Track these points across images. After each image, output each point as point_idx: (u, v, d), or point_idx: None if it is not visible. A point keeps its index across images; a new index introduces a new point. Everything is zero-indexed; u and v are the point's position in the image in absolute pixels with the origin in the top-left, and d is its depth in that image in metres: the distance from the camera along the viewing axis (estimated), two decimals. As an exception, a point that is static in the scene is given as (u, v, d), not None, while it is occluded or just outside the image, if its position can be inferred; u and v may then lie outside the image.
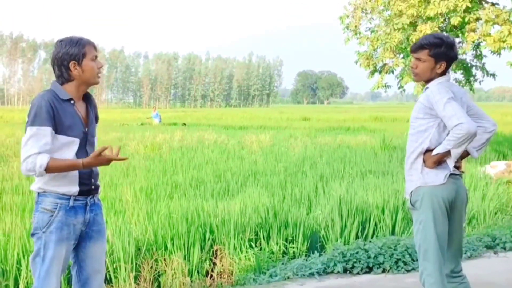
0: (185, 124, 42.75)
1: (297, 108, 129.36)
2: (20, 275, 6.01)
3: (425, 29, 17.18)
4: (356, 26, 19.96)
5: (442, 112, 4.29)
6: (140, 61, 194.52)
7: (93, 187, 4.09)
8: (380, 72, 19.97)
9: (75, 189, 3.98)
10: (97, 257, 4.16)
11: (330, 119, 52.72)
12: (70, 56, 4.00)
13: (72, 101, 4.00)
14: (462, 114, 4.22)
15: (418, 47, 4.52)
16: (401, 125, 40.03)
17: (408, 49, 14.40)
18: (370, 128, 37.09)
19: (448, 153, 4.35)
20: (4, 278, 6.06)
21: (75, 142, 3.97)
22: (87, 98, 4.19)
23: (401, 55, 18.90)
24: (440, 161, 4.40)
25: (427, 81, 4.54)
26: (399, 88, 19.99)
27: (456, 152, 4.31)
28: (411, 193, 4.51)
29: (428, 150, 4.42)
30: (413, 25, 18.18)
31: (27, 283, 5.95)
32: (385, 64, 19.62)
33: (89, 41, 4.08)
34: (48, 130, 3.84)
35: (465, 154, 4.59)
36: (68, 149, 3.95)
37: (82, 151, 4.02)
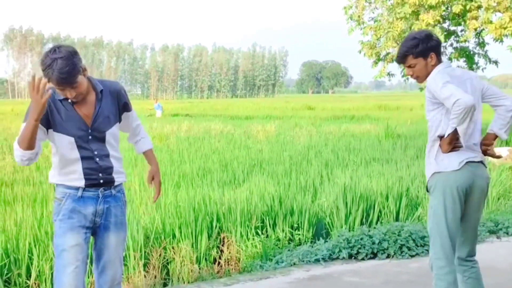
0: (188, 115, 42.75)
1: (302, 97, 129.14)
2: (32, 264, 6.11)
3: (427, 18, 17.27)
4: (359, 16, 20.02)
5: (441, 97, 4.32)
6: (147, 53, 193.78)
7: (101, 181, 4.09)
8: (384, 61, 20.04)
9: (80, 183, 4.02)
10: (112, 248, 4.19)
11: (334, 108, 52.66)
12: None
13: (69, 100, 3.95)
14: (457, 92, 4.23)
15: (401, 57, 4.61)
16: (405, 113, 40.07)
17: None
18: (374, 116, 37.08)
19: (457, 133, 4.35)
20: (16, 267, 6.15)
21: (71, 141, 3.97)
22: (97, 94, 4.06)
23: (404, 44, 18.92)
24: (454, 144, 4.40)
25: (428, 76, 4.58)
26: (402, 76, 20.04)
27: (462, 129, 4.29)
28: (428, 179, 4.58)
29: (441, 137, 4.46)
30: (416, 14, 18.23)
31: (39, 271, 6.06)
32: (388, 53, 19.68)
33: (52, 79, 3.77)
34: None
35: (493, 137, 4.60)
36: (66, 146, 3.98)
37: (86, 148, 4.01)
